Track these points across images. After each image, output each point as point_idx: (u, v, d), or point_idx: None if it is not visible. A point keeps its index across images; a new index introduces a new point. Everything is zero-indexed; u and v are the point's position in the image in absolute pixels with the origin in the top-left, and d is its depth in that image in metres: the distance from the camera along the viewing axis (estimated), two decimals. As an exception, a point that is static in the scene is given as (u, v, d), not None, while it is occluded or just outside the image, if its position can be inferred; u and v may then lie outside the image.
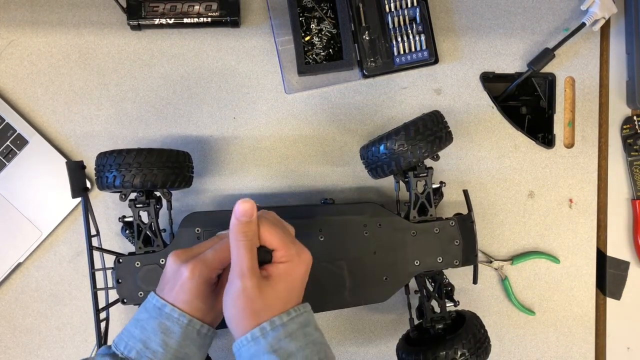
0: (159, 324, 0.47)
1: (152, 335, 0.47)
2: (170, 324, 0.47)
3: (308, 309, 0.48)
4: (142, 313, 0.49)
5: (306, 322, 0.46)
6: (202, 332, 0.48)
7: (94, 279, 0.59)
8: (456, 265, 0.60)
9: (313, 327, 0.47)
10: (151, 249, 0.59)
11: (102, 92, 0.70)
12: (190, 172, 0.62)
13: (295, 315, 0.46)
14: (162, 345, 0.46)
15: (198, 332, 0.48)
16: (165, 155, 0.58)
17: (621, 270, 0.73)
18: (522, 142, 0.72)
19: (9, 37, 0.69)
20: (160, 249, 0.59)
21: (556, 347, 0.72)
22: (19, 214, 0.68)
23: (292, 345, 0.44)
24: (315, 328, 0.47)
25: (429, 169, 0.61)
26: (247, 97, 0.71)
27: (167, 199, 0.60)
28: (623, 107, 0.74)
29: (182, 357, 0.47)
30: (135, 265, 0.58)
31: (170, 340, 0.47)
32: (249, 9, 0.71)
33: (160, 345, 0.46)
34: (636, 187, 0.73)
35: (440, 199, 0.64)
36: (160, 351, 0.46)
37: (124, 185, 0.56)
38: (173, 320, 0.47)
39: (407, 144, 0.57)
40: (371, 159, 0.61)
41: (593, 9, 0.71)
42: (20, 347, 0.69)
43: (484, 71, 0.72)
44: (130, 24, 0.68)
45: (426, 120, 0.58)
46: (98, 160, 0.58)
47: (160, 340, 0.47)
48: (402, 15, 0.69)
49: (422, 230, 0.60)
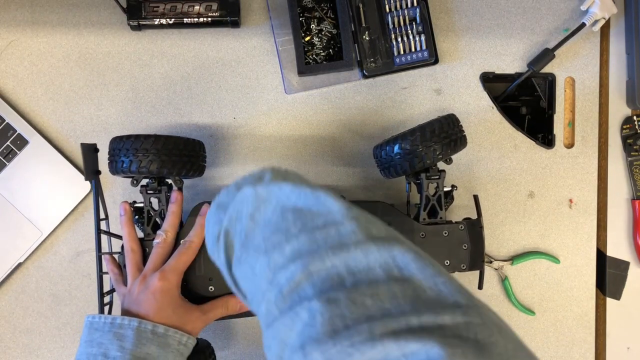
0: (113, 334, 0.50)
1: (109, 344, 0.50)
2: (122, 331, 0.51)
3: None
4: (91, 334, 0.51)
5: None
6: (157, 332, 0.51)
7: (100, 262, 0.59)
8: (463, 269, 0.60)
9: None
10: None
11: (102, 92, 0.70)
12: (204, 162, 0.62)
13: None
14: (119, 349, 0.49)
15: (152, 331, 0.51)
16: (182, 143, 0.58)
17: (621, 270, 0.73)
18: (522, 142, 0.72)
19: (9, 37, 0.69)
20: None
21: (556, 347, 0.72)
22: (19, 214, 0.68)
23: None
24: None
25: (442, 171, 0.61)
26: (247, 97, 0.71)
27: (179, 187, 0.60)
28: (623, 107, 0.74)
29: (144, 357, 0.50)
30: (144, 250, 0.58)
31: (125, 344, 0.50)
32: (249, 9, 0.71)
33: (117, 350, 0.49)
34: (636, 187, 0.73)
35: (451, 202, 0.64)
36: (119, 355, 0.49)
37: (139, 171, 0.56)
38: (125, 327, 0.51)
39: (421, 146, 0.57)
40: (384, 159, 0.61)
41: (593, 9, 0.71)
42: (20, 347, 0.69)
43: (484, 71, 0.72)
44: (131, 24, 0.68)
45: (442, 122, 0.58)
46: (112, 144, 0.58)
47: (117, 346, 0.50)
48: (402, 15, 0.69)
49: (431, 233, 0.60)
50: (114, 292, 0.60)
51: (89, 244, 0.69)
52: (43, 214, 0.68)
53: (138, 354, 0.49)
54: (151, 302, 0.52)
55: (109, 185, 0.69)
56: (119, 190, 0.69)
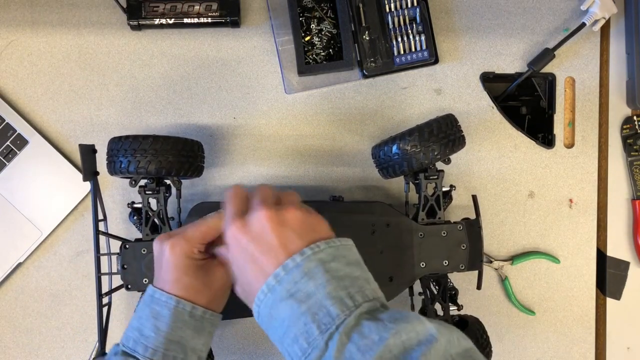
0: (150, 310, 0.47)
1: (145, 321, 0.47)
2: (159, 308, 0.47)
3: (335, 244, 0.43)
4: (139, 305, 0.49)
5: (329, 258, 0.42)
6: (195, 314, 0.48)
7: (98, 263, 0.59)
8: (462, 269, 0.60)
9: (343, 262, 0.42)
10: None
11: (102, 92, 0.70)
12: (202, 162, 0.62)
13: (311, 254, 0.42)
14: (154, 330, 0.46)
15: (190, 314, 0.47)
16: (180, 143, 0.58)
17: (621, 270, 0.73)
18: (522, 142, 0.72)
19: (9, 37, 0.69)
20: None
21: (556, 347, 0.72)
22: (19, 214, 0.68)
23: (311, 284, 0.40)
24: (348, 263, 0.43)
25: (440, 171, 0.61)
26: (247, 97, 0.71)
27: (177, 187, 0.61)
28: (623, 107, 0.74)
29: (178, 340, 0.47)
30: (142, 252, 0.57)
31: (161, 324, 0.47)
32: (249, 9, 0.71)
33: (152, 330, 0.46)
34: (636, 187, 0.73)
35: (450, 202, 0.64)
36: (152, 336, 0.46)
37: (138, 171, 0.56)
38: (162, 304, 0.47)
39: (420, 146, 0.57)
40: (383, 159, 0.61)
41: (593, 9, 0.71)
42: (20, 347, 0.69)
43: (484, 71, 0.72)
44: (130, 24, 0.68)
45: (440, 123, 0.58)
46: (111, 145, 0.58)
47: (152, 325, 0.47)
48: (402, 15, 0.69)
49: (429, 233, 0.60)
50: (114, 292, 0.60)
51: (88, 244, 0.69)
52: (43, 214, 0.68)
53: (172, 337, 0.47)
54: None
55: (108, 186, 0.69)
56: (118, 190, 0.69)
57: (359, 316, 0.39)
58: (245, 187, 0.50)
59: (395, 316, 0.39)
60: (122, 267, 0.58)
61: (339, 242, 0.44)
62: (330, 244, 0.43)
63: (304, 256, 0.42)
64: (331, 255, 0.42)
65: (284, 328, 0.41)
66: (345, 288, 0.40)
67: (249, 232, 0.45)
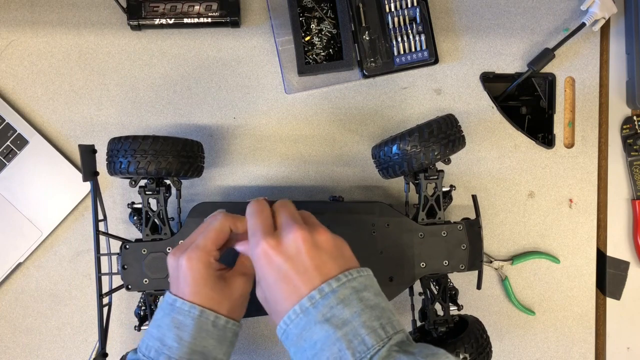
0: (172, 319, 0.47)
1: (167, 331, 0.47)
2: (182, 317, 0.47)
3: (364, 274, 0.45)
4: (158, 313, 0.49)
5: (361, 287, 0.43)
6: (218, 324, 0.47)
7: (99, 263, 0.59)
8: (462, 269, 0.60)
9: (372, 292, 0.44)
10: (158, 236, 0.59)
11: (102, 92, 0.70)
12: (202, 163, 0.62)
13: (345, 281, 0.43)
14: (177, 340, 0.46)
15: (213, 323, 0.47)
16: (180, 143, 0.58)
17: (621, 270, 0.73)
18: (522, 142, 0.72)
19: (9, 37, 0.69)
20: (167, 237, 0.59)
21: (556, 347, 0.72)
22: (19, 214, 0.68)
23: (346, 311, 0.41)
24: (376, 294, 0.44)
25: (440, 172, 0.61)
26: (247, 97, 0.71)
27: (177, 188, 0.61)
28: (623, 107, 0.74)
29: (201, 350, 0.46)
30: (142, 252, 0.58)
31: (184, 334, 0.46)
32: (249, 9, 0.71)
33: (175, 340, 0.46)
34: (636, 187, 0.73)
35: (450, 202, 0.64)
36: (175, 346, 0.46)
37: (137, 172, 0.56)
38: (184, 314, 0.47)
39: (420, 146, 0.57)
40: (383, 159, 0.61)
41: (593, 9, 0.71)
42: (20, 347, 0.69)
43: (484, 71, 0.72)
44: (131, 24, 0.68)
45: (440, 123, 0.58)
46: (111, 145, 0.58)
47: (175, 335, 0.46)
48: (402, 15, 0.69)
49: (429, 233, 0.60)
50: (114, 292, 0.60)
51: (88, 244, 0.69)
52: (43, 214, 0.68)
53: (195, 347, 0.46)
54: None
55: (108, 186, 0.69)
56: (118, 190, 0.69)
57: (390, 348, 0.41)
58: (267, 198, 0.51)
59: (426, 352, 0.41)
60: (122, 267, 0.58)
61: (366, 272, 0.46)
62: (362, 272, 0.45)
63: (339, 282, 0.43)
64: (363, 284, 0.44)
65: (315, 350, 0.41)
66: (378, 318, 0.42)
67: (283, 252, 0.44)
